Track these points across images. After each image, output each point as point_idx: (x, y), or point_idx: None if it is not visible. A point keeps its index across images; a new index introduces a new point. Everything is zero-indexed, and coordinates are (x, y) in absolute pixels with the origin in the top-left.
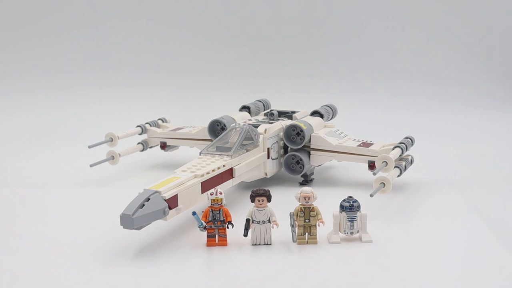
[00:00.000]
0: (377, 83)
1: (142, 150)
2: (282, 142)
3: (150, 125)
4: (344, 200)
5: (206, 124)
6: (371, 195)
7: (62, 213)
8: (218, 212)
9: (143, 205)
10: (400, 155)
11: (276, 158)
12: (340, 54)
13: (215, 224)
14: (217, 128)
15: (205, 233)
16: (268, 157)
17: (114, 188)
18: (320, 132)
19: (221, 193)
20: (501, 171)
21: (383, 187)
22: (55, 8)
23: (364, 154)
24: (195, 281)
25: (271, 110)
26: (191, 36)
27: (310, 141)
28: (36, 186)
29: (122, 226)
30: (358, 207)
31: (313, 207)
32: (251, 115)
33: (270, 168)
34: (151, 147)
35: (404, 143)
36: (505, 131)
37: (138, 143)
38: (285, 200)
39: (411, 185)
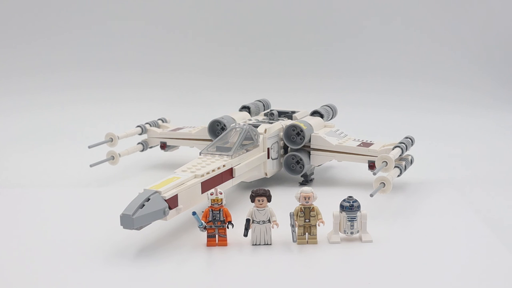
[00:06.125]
0: (377, 83)
1: (142, 150)
2: (282, 142)
3: (150, 125)
4: (344, 200)
5: (206, 124)
6: (371, 195)
7: (62, 213)
8: (218, 212)
9: (143, 205)
10: (400, 155)
11: (276, 158)
12: (340, 54)
13: (215, 224)
14: (217, 128)
15: (205, 233)
16: (268, 157)
17: (114, 188)
18: (320, 132)
19: (221, 193)
20: (501, 171)
21: (383, 187)
22: (55, 8)
23: (364, 154)
24: (195, 281)
25: (271, 110)
26: (191, 36)
27: (310, 141)
28: (36, 186)
29: (122, 226)
30: (358, 207)
31: (313, 207)
32: (251, 115)
33: (270, 168)
34: (151, 147)
35: (404, 143)
36: (505, 131)
37: (138, 143)
38: (285, 200)
39: (411, 185)
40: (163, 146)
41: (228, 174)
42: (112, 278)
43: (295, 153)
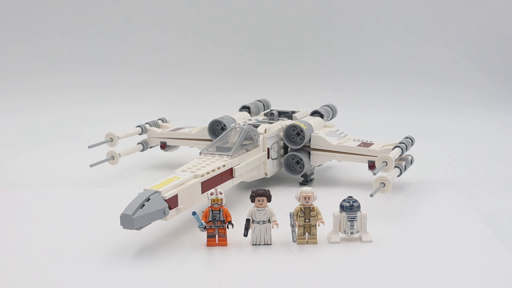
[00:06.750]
0: (377, 83)
1: (142, 150)
2: (282, 142)
3: (150, 125)
4: (344, 200)
5: (206, 124)
6: (371, 195)
7: (62, 213)
8: (218, 212)
9: (143, 205)
10: (400, 155)
11: (276, 158)
12: (340, 54)
13: (215, 224)
14: (217, 128)
15: (205, 233)
16: (268, 157)
17: (114, 188)
18: (320, 132)
19: (221, 193)
20: (501, 171)
21: (383, 187)
22: (55, 8)
23: (364, 154)
24: (195, 281)
25: (271, 110)
26: (191, 36)
27: (310, 141)
28: (36, 186)
29: (122, 226)
30: (358, 207)
31: (313, 207)
32: (251, 115)
33: (270, 168)
34: (151, 147)
35: (404, 143)
36: (505, 131)
37: (138, 143)
38: (285, 200)
39: (411, 185)
40: (163, 146)
41: (228, 174)
42: (112, 278)
43: (295, 153)
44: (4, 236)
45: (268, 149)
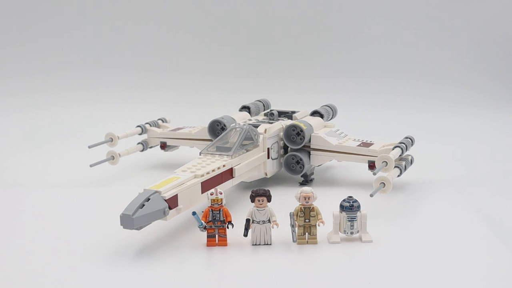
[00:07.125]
0: (377, 83)
1: (142, 150)
2: (282, 142)
3: (150, 125)
4: (344, 200)
5: (206, 124)
6: (371, 195)
7: (62, 213)
8: (218, 212)
9: (143, 205)
10: (400, 155)
11: (276, 158)
12: (340, 54)
13: (215, 224)
14: (217, 128)
15: (205, 233)
16: (268, 157)
17: (114, 188)
18: (320, 132)
19: (221, 193)
20: (501, 171)
21: (383, 187)
22: (55, 8)
23: (364, 154)
24: (195, 281)
25: (271, 110)
26: (191, 36)
27: (310, 141)
28: (36, 186)
29: (122, 226)
30: (358, 207)
31: (313, 207)
32: (251, 115)
33: (270, 168)
34: (151, 147)
35: (404, 143)
36: (505, 131)
37: (138, 143)
38: (285, 200)
39: (411, 185)
40: (163, 146)
41: (228, 174)
42: (112, 278)
43: (295, 153)
44: (4, 236)
45: (268, 149)
